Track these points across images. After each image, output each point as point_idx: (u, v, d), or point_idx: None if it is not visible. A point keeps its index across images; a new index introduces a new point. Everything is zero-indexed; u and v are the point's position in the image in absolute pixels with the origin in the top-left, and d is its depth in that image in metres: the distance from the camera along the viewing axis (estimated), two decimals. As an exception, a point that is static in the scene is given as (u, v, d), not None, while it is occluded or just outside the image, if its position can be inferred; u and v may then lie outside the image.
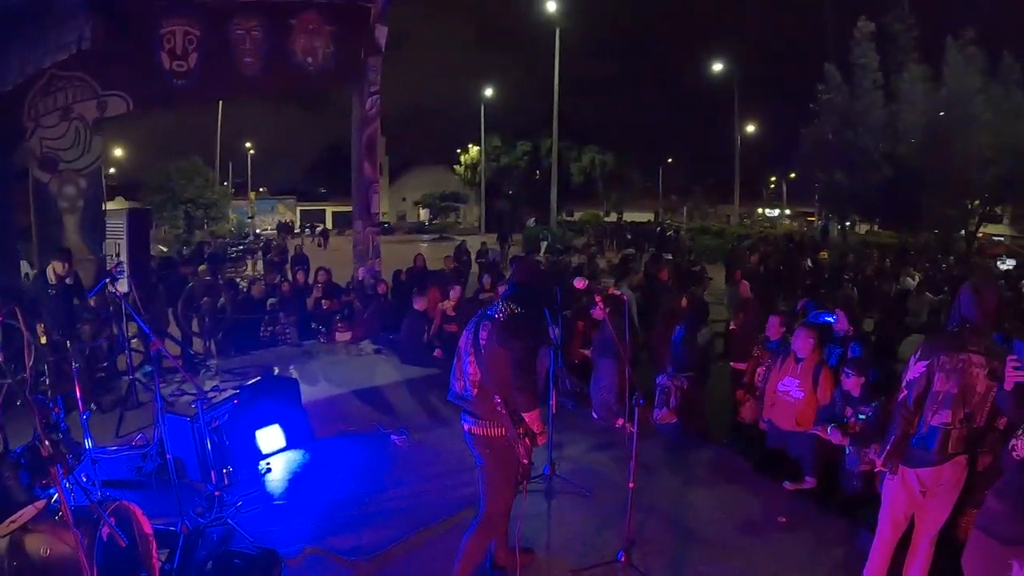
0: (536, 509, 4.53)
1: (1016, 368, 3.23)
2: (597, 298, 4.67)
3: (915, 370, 4.05)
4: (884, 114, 30.78)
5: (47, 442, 3.44)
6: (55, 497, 3.74)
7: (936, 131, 27.94)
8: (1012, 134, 25.92)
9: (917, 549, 4.33)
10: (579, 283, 4.48)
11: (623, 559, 4.80)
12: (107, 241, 8.42)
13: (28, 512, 3.77)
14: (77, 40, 10.12)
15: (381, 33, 13.81)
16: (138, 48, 11.18)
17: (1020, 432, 3.02)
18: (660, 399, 7.57)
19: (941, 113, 28.34)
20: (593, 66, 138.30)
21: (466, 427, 4.32)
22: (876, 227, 39.60)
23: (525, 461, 4.22)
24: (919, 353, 4.07)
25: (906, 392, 4.08)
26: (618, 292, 5.22)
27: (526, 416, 4.13)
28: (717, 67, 46.18)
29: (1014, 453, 3.39)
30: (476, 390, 4.20)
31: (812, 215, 64.45)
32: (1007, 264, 24.90)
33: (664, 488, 6.29)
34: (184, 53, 11.51)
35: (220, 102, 43.00)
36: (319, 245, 38.10)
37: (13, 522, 3.69)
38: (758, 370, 7.53)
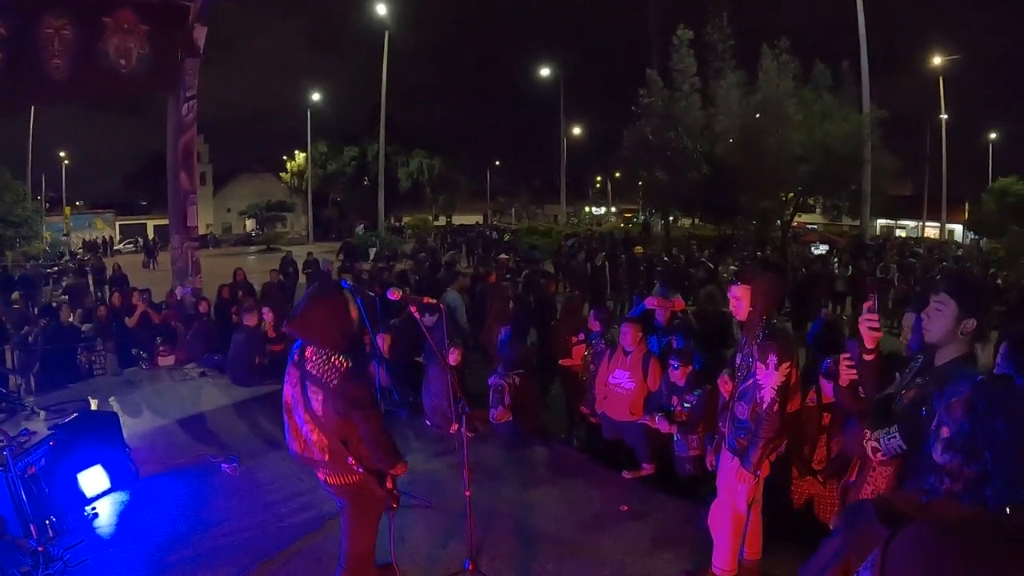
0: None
1: (849, 366, 3.46)
2: (412, 308, 4.61)
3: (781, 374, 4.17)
4: (702, 116, 32.72)
5: None
6: None
7: (751, 131, 29.68)
8: (821, 133, 27.96)
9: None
10: (392, 295, 4.37)
11: (470, 567, 4.81)
12: None
13: None
14: None
15: (200, 34, 13.29)
16: None
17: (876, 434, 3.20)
18: (494, 399, 7.63)
19: (757, 115, 30.11)
20: (421, 70, 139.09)
21: (320, 476, 4.02)
22: (697, 221, 41.68)
23: (395, 506, 4.08)
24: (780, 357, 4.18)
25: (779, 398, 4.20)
26: (433, 301, 5.16)
27: (392, 472, 3.99)
28: (544, 71, 47.45)
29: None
30: (327, 455, 3.87)
31: (630, 213, 67.07)
32: (820, 249, 26.75)
33: (505, 490, 6.35)
34: None
35: (32, 109, 40.10)
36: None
37: None
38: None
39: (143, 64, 12.70)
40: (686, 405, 6.54)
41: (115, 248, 52.07)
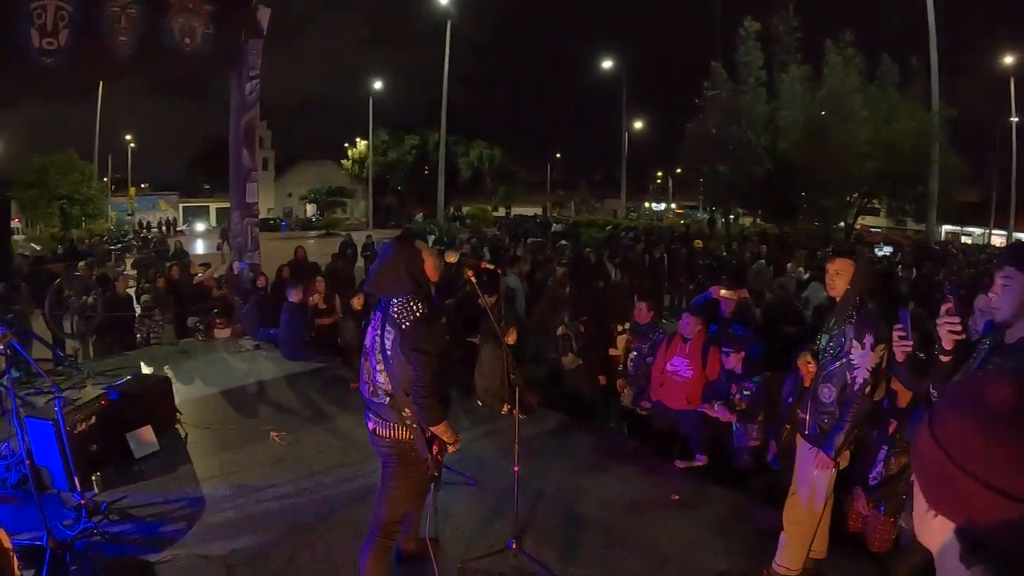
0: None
1: (901, 337, 3.25)
2: (469, 272, 4.48)
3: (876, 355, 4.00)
4: (766, 110, 32.00)
5: None
6: None
7: (815, 127, 29.08)
8: (887, 131, 27.23)
9: None
10: (450, 257, 4.26)
11: (513, 547, 4.70)
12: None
13: None
14: None
15: (264, 15, 13.38)
16: (4, 23, 10.48)
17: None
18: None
19: (823, 112, 29.50)
20: (482, 61, 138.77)
21: (370, 426, 4.00)
22: (758, 220, 41.05)
23: (436, 475, 3.98)
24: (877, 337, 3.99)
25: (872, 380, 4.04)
26: (491, 266, 5.04)
27: (433, 429, 3.83)
28: (606, 63, 46.93)
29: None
30: (388, 399, 3.87)
31: (681, 210, 66.32)
32: (884, 251, 26.14)
33: (554, 473, 6.21)
34: (55, 30, 10.83)
35: (100, 92, 41.33)
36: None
37: None
38: (630, 355, 7.58)
39: (207, 44, 12.84)
40: (745, 393, 6.38)
41: (177, 229, 53.10)
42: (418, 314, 3.75)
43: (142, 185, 65.10)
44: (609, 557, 4.87)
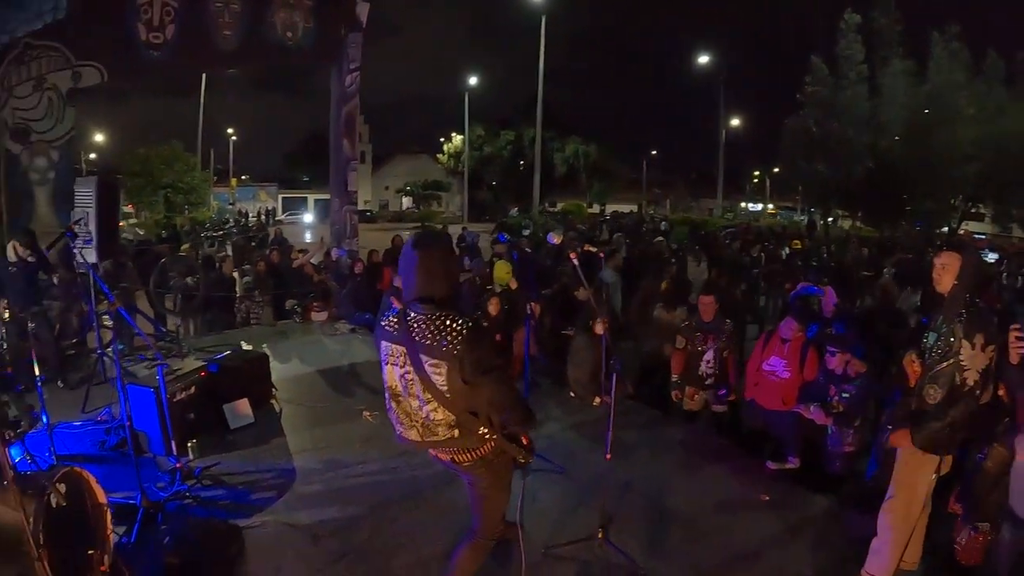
0: (508, 485, 4.37)
1: (1019, 338, 3.07)
2: (572, 255, 4.43)
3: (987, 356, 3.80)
4: (868, 107, 30.93)
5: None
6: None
7: (919, 125, 28.01)
8: (994, 130, 26.04)
9: None
10: (553, 239, 4.22)
11: (600, 536, 4.64)
12: (75, 210, 8.19)
13: None
14: (52, 9, 9.98)
15: (363, 9, 13.69)
16: (114, 18, 11.04)
17: None
18: None
19: (926, 111, 28.42)
20: (578, 56, 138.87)
21: (444, 457, 3.50)
22: (858, 223, 39.88)
23: (529, 460, 3.57)
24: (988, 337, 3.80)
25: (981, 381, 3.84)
26: (594, 249, 5.02)
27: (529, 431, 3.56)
28: (703, 59, 46.05)
29: None
30: (455, 431, 3.30)
31: (774, 210, 64.78)
32: (990, 257, 25.10)
33: (642, 466, 6.14)
34: (161, 24, 11.38)
35: (203, 87, 42.95)
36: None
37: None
38: (705, 355, 7.41)
39: (308, 37, 13.22)
40: (844, 396, 6.18)
41: (277, 218, 54.60)
42: (464, 331, 3.13)
43: (243, 177, 67.40)
44: (694, 553, 4.78)
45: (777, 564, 4.70)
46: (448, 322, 3.13)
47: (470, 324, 3.16)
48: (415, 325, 3.20)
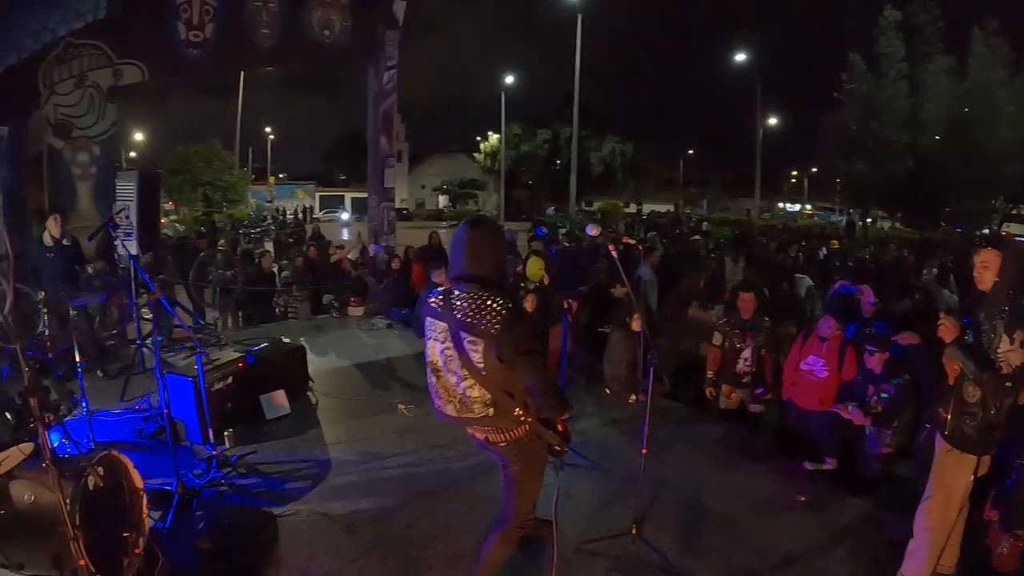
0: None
1: None
2: (611, 246, 4.40)
3: None
4: (908, 105, 30.43)
5: (34, 387, 3.33)
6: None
7: (959, 124, 27.53)
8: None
9: None
10: (591, 230, 4.20)
11: (633, 532, 4.60)
12: (116, 203, 8.34)
13: (14, 456, 3.71)
14: (93, 9, 10.17)
15: (399, 7, 13.78)
16: (154, 17, 11.23)
17: None
18: None
19: (966, 109, 27.94)
20: (615, 54, 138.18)
21: (479, 436, 3.57)
22: (897, 224, 39.32)
23: (565, 448, 3.63)
24: None
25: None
26: (633, 241, 4.98)
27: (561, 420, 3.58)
28: (739, 56, 45.44)
29: None
30: (490, 409, 3.38)
31: (810, 211, 63.98)
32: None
33: (677, 463, 6.08)
34: (200, 23, 11.56)
35: (240, 86, 43.40)
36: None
37: (-1, 464, 3.60)
38: (743, 353, 7.40)
39: (345, 35, 13.34)
40: (883, 395, 6.09)
41: (314, 216, 55.04)
42: (504, 312, 3.21)
43: (280, 175, 68.05)
44: (729, 552, 4.72)
45: (812, 566, 4.63)
46: (489, 302, 3.22)
47: (510, 306, 3.24)
48: (458, 303, 3.29)
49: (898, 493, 5.42)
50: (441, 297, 3.42)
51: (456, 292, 3.35)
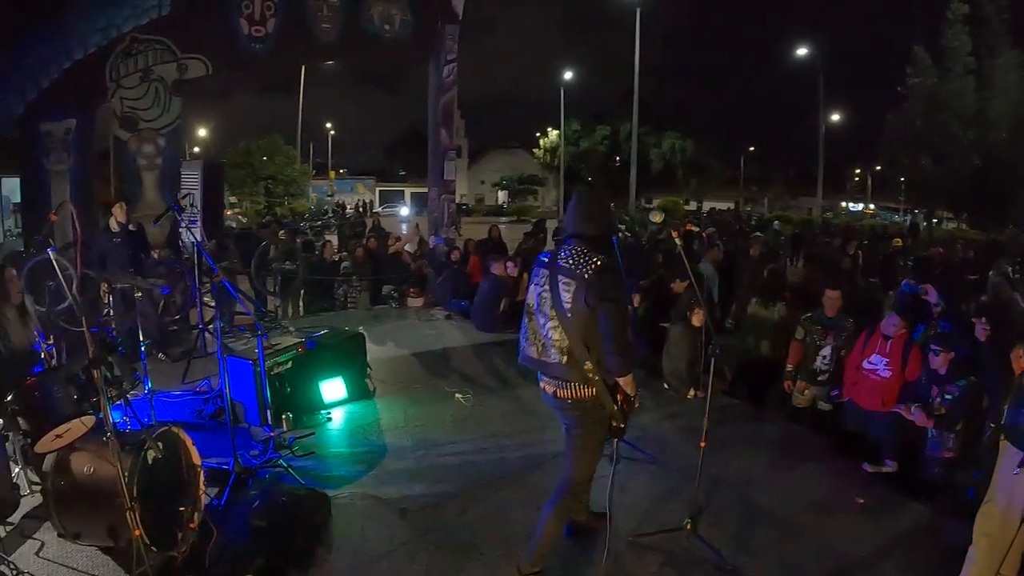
0: (598, 472, 4.30)
1: None
2: (674, 233, 4.37)
3: None
4: (974, 100, 29.58)
5: (98, 360, 3.41)
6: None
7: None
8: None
9: None
10: (655, 216, 4.18)
11: (688, 528, 4.51)
12: (180, 192, 8.53)
13: (76, 428, 3.78)
14: (158, 6, 10.47)
15: (459, 2, 13.78)
16: (217, 14, 11.50)
17: None
18: None
19: None
20: (674, 50, 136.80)
21: (548, 390, 3.87)
22: (963, 225, 38.29)
23: (621, 426, 3.83)
24: None
25: None
26: (695, 228, 4.92)
27: (620, 381, 3.75)
28: (802, 51, 44.49)
29: None
30: (565, 357, 3.71)
31: (871, 211, 62.60)
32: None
33: (735, 460, 5.99)
34: (262, 19, 11.80)
35: (302, 82, 43.99)
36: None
37: (59, 436, 3.68)
38: (822, 351, 7.25)
39: (405, 29, 13.44)
40: (947, 397, 5.90)
41: (374, 210, 55.56)
42: (599, 263, 3.64)
43: (340, 171, 68.81)
44: (783, 552, 4.63)
45: (867, 570, 4.53)
46: (589, 256, 3.68)
47: (607, 261, 3.70)
48: (563, 254, 3.78)
49: (959, 499, 5.22)
50: (553, 251, 3.94)
51: (565, 246, 3.82)
